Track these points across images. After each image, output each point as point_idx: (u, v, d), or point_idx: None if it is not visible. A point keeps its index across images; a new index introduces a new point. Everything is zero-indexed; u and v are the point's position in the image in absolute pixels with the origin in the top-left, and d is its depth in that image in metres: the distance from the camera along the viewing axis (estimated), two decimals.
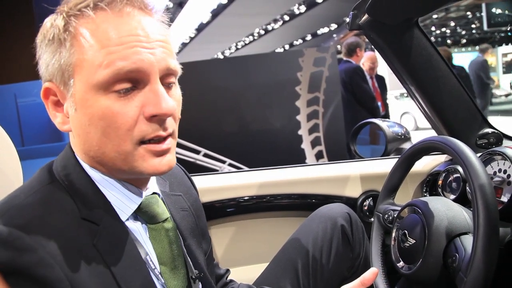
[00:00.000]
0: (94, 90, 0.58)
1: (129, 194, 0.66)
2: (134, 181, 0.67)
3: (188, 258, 0.74)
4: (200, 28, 13.93)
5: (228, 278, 1.00)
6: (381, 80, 4.00)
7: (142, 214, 0.68)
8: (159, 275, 0.67)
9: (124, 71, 0.57)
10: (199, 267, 0.76)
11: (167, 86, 0.63)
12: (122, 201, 0.65)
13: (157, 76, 0.60)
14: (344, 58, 3.49)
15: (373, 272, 0.76)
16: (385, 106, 4.17)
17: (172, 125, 0.64)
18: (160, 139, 0.62)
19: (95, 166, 0.64)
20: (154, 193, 0.72)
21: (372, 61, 3.74)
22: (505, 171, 0.95)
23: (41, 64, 0.63)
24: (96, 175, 0.64)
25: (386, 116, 4.06)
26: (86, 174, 0.64)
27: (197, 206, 0.87)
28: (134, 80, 0.59)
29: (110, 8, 0.59)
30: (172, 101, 0.61)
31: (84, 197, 0.63)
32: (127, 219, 0.66)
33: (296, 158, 3.32)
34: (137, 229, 0.67)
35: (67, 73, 0.60)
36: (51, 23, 0.61)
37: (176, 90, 0.66)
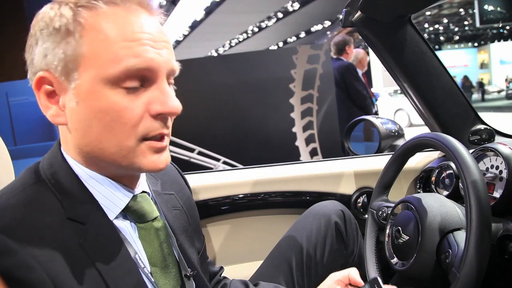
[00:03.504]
0: (102, 84, 0.57)
1: (117, 193, 0.65)
2: (124, 179, 0.66)
3: (182, 256, 0.74)
4: (194, 26, 13.90)
5: (222, 276, 1.00)
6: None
7: (131, 213, 0.67)
8: (149, 274, 0.66)
9: (136, 68, 0.57)
10: (192, 265, 0.75)
11: (169, 86, 0.64)
12: (110, 200, 0.64)
13: (164, 75, 0.61)
14: (335, 57, 3.50)
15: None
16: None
17: (171, 123, 0.65)
18: (161, 137, 0.63)
19: (86, 163, 0.63)
20: (143, 191, 0.71)
21: (356, 57, 3.75)
22: (497, 167, 0.95)
23: (37, 53, 0.60)
24: (83, 173, 0.63)
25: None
26: (73, 172, 0.63)
27: (190, 204, 0.87)
28: (143, 78, 0.59)
29: (122, 3, 0.59)
30: (178, 100, 0.62)
31: (70, 196, 0.61)
32: (116, 218, 0.65)
33: (291, 155, 3.33)
34: (126, 228, 0.66)
35: (72, 64, 0.58)
36: (55, 12, 0.59)
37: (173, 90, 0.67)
